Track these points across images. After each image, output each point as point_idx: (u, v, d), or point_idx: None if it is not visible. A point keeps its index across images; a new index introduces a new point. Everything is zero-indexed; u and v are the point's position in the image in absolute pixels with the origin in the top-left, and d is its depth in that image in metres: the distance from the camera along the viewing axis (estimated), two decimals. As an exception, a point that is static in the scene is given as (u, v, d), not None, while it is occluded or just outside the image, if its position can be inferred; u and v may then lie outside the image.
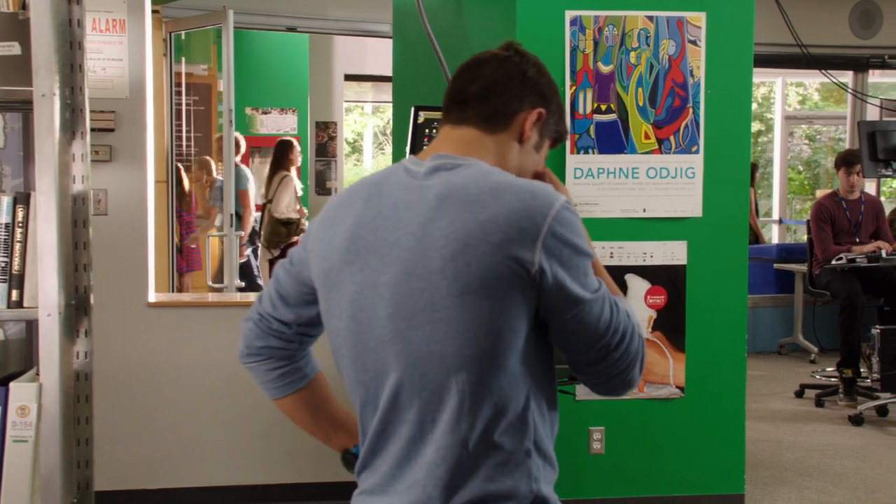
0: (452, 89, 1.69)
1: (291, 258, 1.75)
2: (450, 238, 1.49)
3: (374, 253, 1.56)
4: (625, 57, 4.26)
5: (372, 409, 1.61)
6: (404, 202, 1.56)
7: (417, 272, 1.51)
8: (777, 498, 4.76)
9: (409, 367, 1.54)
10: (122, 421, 4.38)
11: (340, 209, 1.64)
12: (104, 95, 4.22)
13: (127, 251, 4.35)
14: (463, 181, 1.54)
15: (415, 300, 1.51)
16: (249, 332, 1.78)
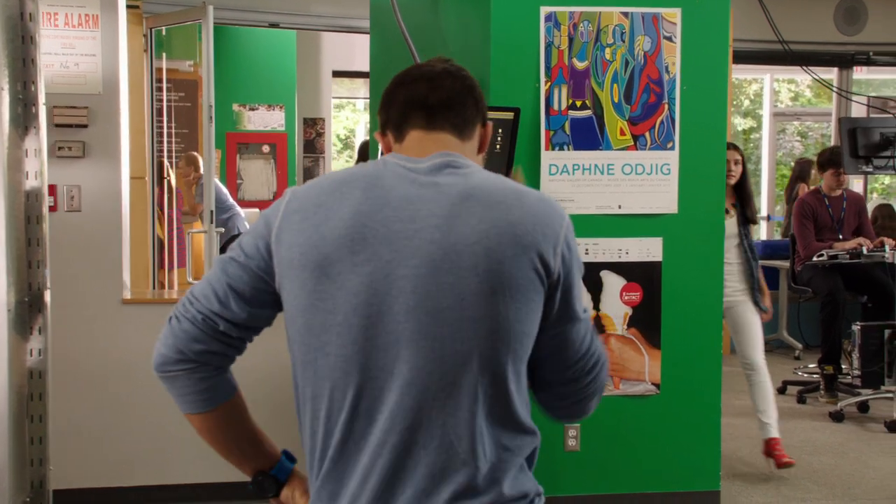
0: (412, 95, 1.66)
1: (244, 250, 1.58)
2: (481, 235, 1.48)
3: (388, 244, 1.49)
4: (600, 53, 4.25)
5: (357, 412, 1.50)
6: (417, 196, 1.53)
7: (445, 266, 1.47)
8: (754, 494, 4.77)
9: (429, 365, 1.48)
10: (98, 418, 4.37)
11: (327, 199, 1.54)
12: (77, 91, 4.20)
13: (101, 248, 4.33)
14: (482, 182, 1.56)
15: (442, 295, 1.47)
16: (186, 333, 1.56)
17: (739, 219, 5.06)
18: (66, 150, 4.20)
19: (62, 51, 4.16)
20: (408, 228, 1.50)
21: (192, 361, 1.58)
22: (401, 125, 1.65)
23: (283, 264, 1.54)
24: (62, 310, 4.30)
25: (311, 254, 1.51)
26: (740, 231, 5.05)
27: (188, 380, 1.59)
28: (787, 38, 7.20)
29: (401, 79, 1.69)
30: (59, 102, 4.17)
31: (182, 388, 1.60)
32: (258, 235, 1.58)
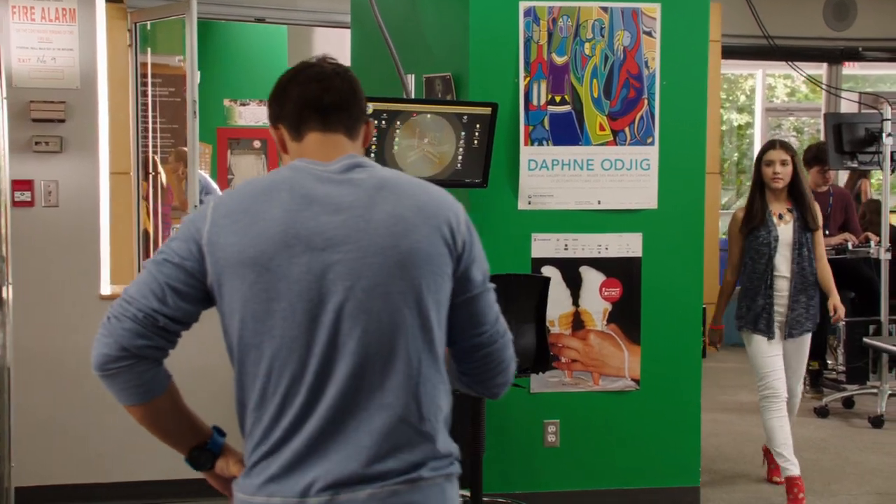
0: (306, 96, 1.78)
1: (177, 252, 1.71)
2: (398, 218, 1.70)
3: (319, 235, 1.67)
4: (579, 48, 4.24)
5: (308, 385, 1.67)
6: (337, 191, 1.72)
7: (371, 249, 1.68)
8: (734, 490, 4.77)
9: (367, 336, 1.67)
10: (74, 415, 4.36)
11: (254, 203, 1.71)
12: (54, 86, 4.19)
13: (79, 243, 4.32)
14: (390, 176, 1.78)
15: (373, 273, 1.67)
16: (128, 331, 1.67)
17: (797, 225, 4.48)
18: (44, 145, 4.18)
19: (39, 45, 4.14)
20: (334, 220, 1.69)
21: (134, 357, 1.68)
22: (298, 125, 1.79)
23: (220, 264, 1.69)
24: (39, 305, 4.30)
25: (248, 251, 1.67)
26: (799, 239, 4.47)
27: (131, 374, 1.69)
28: (777, 33, 7.20)
29: (293, 76, 1.81)
30: (36, 97, 4.16)
31: (125, 382, 1.70)
32: (188, 239, 1.71)
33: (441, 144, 3.95)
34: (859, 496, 4.71)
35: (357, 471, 1.67)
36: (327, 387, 1.67)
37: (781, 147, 4.52)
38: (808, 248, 4.49)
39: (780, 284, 4.49)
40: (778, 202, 4.53)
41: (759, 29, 6.29)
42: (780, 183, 4.47)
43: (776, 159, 4.47)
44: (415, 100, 4.17)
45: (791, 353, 4.56)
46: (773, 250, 4.46)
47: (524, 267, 4.24)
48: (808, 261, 4.49)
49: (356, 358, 1.67)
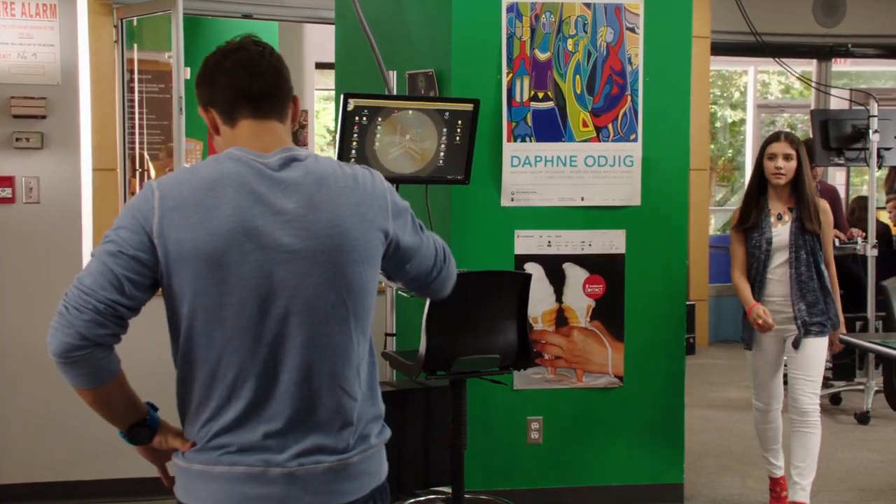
0: (236, 84, 1.86)
1: (129, 244, 1.76)
2: (339, 219, 1.83)
3: (267, 236, 1.77)
4: (562, 44, 4.23)
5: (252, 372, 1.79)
6: (280, 191, 1.81)
7: (318, 248, 1.80)
8: (719, 486, 4.76)
9: (314, 328, 1.81)
10: (58, 412, 4.34)
11: (204, 198, 1.77)
12: (35, 81, 4.17)
13: (60, 240, 4.30)
14: (325, 170, 1.87)
15: (319, 271, 1.80)
16: (89, 322, 1.73)
17: (795, 227, 4.11)
18: (24, 142, 4.17)
19: (19, 41, 4.12)
20: (280, 220, 1.79)
21: (94, 345, 1.74)
22: (230, 112, 1.87)
23: (172, 257, 1.76)
24: (21, 302, 4.28)
25: (203, 248, 1.75)
26: (796, 242, 4.10)
27: (90, 360, 1.75)
28: (766, 29, 7.19)
29: (218, 61, 1.88)
30: (16, 93, 4.14)
31: (83, 368, 1.76)
32: (137, 230, 1.76)
33: (423, 141, 3.94)
34: (842, 492, 4.71)
35: (318, 443, 1.83)
36: (280, 373, 1.81)
37: (786, 139, 4.13)
38: (807, 251, 4.09)
39: (773, 289, 4.15)
40: (779, 200, 4.17)
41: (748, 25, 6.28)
42: (781, 179, 4.11)
43: (779, 152, 4.12)
44: (396, 96, 4.16)
45: (793, 361, 4.20)
46: (765, 254, 4.13)
47: (507, 263, 4.23)
48: (806, 265, 4.09)
49: (304, 349, 1.81)
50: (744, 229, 4.19)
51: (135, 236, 1.76)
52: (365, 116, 3.80)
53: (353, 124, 3.79)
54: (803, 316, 4.11)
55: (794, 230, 4.11)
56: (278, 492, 1.81)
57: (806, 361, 4.17)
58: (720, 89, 13.13)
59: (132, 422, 1.90)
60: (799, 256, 4.10)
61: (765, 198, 4.18)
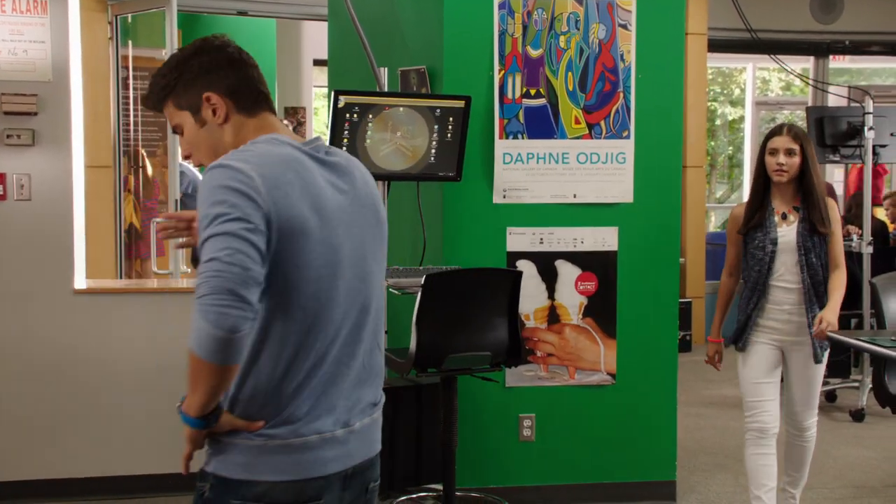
0: (254, 80, 1.96)
1: (252, 221, 1.73)
2: (371, 195, 2.00)
3: (343, 211, 1.90)
4: (554, 41, 4.22)
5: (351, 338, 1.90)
6: (337, 172, 1.93)
7: (368, 223, 1.96)
8: (712, 484, 4.76)
9: (374, 298, 1.97)
10: (47, 410, 4.34)
11: (292, 176, 1.82)
12: (25, 78, 4.16)
13: (51, 237, 4.29)
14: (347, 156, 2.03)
15: (375, 247, 1.99)
16: (251, 294, 1.71)
17: (803, 227, 3.76)
18: (16, 139, 4.16)
19: (10, 37, 4.11)
20: (344, 200, 1.92)
21: (255, 316, 1.75)
22: (254, 102, 1.95)
23: (285, 233, 1.78)
24: (11, 300, 4.28)
25: (309, 223, 1.81)
26: (804, 244, 3.75)
27: (252, 331, 1.76)
28: (763, 26, 7.19)
29: (234, 56, 1.95)
30: (7, 90, 4.13)
31: (244, 342, 1.73)
32: (253, 207, 1.74)
33: (414, 138, 3.93)
34: (836, 489, 4.70)
35: (370, 398, 1.98)
36: (364, 337, 1.94)
37: (789, 133, 3.79)
38: (816, 254, 3.75)
39: (779, 296, 3.79)
40: (783, 199, 3.82)
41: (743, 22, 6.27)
42: (783, 176, 3.76)
43: (781, 147, 3.77)
44: (387, 93, 4.15)
45: (795, 377, 3.90)
46: (769, 256, 3.76)
47: (499, 261, 4.22)
48: (817, 269, 3.75)
49: (372, 315, 1.97)
50: (747, 230, 3.83)
51: (254, 213, 1.74)
52: (356, 113, 3.80)
53: (343, 121, 3.79)
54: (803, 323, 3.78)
55: (802, 231, 3.75)
56: (349, 449, 1.91)
57: (815, 378, 3.92)
58: (720, 86, 13.12)
59: None
60: (810, 261, 3.74)
61: (768, 196, 3.83)
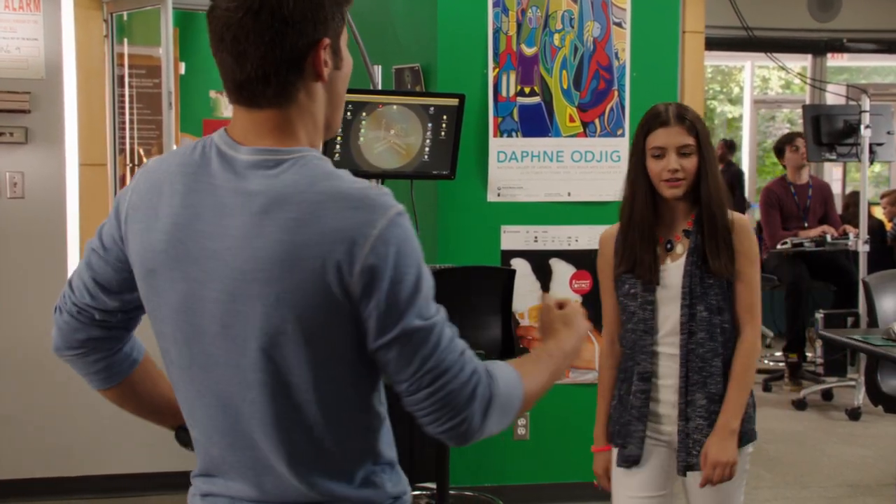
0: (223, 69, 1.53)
1: (102, 241, 1.54)
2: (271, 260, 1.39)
3: (196, 263, 1.42)
4: (549, 39, 4.21)
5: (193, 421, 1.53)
6: (226, 206, 1.41)
7: (239, 293, 1.39)
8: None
9: (232, 388, 1.45)
10: (42, 408, 4.33)
11: (156, 199, 1.45)
12: (18, 76, 4.16)
13: (45, 235, 4.29)
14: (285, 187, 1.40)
15: (241, 324, 1.40)
16: (66, 325, 1.58)
17: (691, 263, 2.48)
18: (8, 136, 4.16)
19: (2, 34, 4.11)
20: (212, 247, 1.41)
21: (80, 348, 1.60)
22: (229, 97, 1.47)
23: (132, 259, 1.50)
24: (5, 298, 4.27)
25: (141, 261, 1.48)
26: (692, 290, 2.47)
27: (82, 363, 1.62)
28: (760, 24, 7.16)
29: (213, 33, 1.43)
30: (0, 87, 4.13)
31: (80, 369, 1.64)
32: (113, 226, 1.53)
33: (408, 136, 3.92)
34: (830, 488, 4.70)
35: None
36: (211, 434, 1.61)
37: (679, 122, 2.49)
38: (709, 304, 2.47)
39: (664, 369, 2.53)
40: (671, 219, 2.55)
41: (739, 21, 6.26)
42: (678, 188, 2.48)
43: (670, 145, 2.48)
44: (380, 91, 4.14)
45: (697, 498, 2.56)
46: (648, 310, 2.51)
47: (493, 259, 4.21)
48: (708, 329, 2.46)
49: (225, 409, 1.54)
50: (619, 270, 2.58)
51: (109, 232, 1.54)
52: (349, 111, 3.78)
53: (336, 119, 3.77)
54: (702, 419, 2.48)
55: (690, 268, 2.47)
56: None
57: (728, 496, 2.55)
58: (719, 85, 13.11)
59: (177, 423, 1.66)
60: (695, 314, 2.47)
61: (650, 215, 2.54)
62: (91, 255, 1.56)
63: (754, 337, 2.51)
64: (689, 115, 2.52)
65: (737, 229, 2.50)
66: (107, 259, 1.54)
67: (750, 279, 2.50)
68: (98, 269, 1.55)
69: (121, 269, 1.53)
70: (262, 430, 1.44)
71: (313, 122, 1.48)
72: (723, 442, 2.44)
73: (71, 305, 1.58)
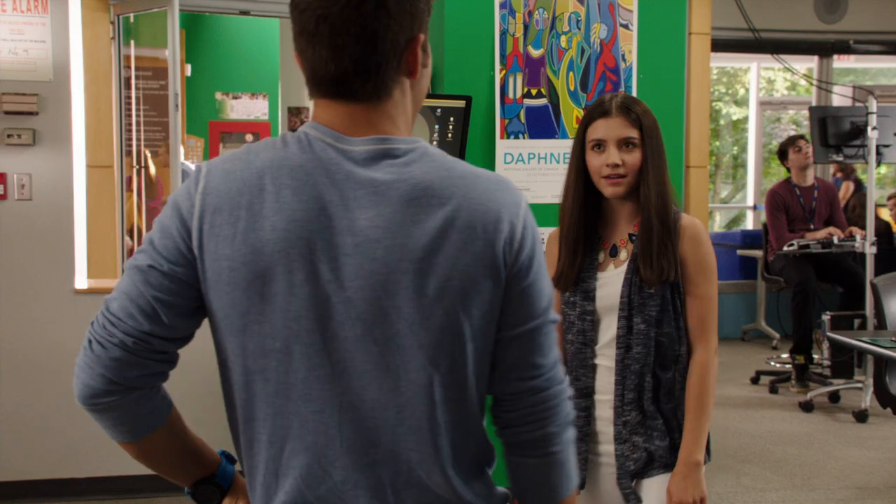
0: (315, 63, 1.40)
1: (164, 255, 1.33)
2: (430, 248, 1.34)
3: (326, 260, 1.29)
4: (555, 41, 4.21)
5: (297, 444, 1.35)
6: (355, 199, 1.31)
7: (388, 288, 1.30)
8: (713, 484, 4.74)
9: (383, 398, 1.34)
10: (51, 409, 4.34)
11: (252, 198, 1.31)
12: (26, 78, 4.17)
13: (52, 237, 4.30)
14: (424, 176, 1.35)
15: (390, 323, 1.30)
16: (117, 361, 1.33)
17: (631, 271, 2.28)
18: (16, 138, 4.17)
19: (11, 37, 4.12)
20: (347, 242, 1.30)
21: (128, 389, 1.35)
22: (312, 88, 1.38)
23: (210, 276, 1.33)
24: (12, 299, 4.29)
25: (242, 270, 1.30)
26: (630, 300, 2.27)
27: (124, 407, 1.37)
28: (767, 26, 7.17)
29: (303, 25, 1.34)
30: (8, 89, 4.14)
31: (117, 417, 1.38)
32: (176, 236, 1.33)
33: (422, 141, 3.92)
34: (838, 490, 4.69)
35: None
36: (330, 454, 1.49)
37: (622, 112, 2.31)
38: (647, 317, 2.26)
39: (603, 384, 2.33)
40: (616, 220, 2.36)
41: (746, 22, 6.26)
42: (619, 186, 2.29)
43: (610, 137, 2.29)
44: (389, 92, 4.14)
45: None
46: (588, 321, 2.32)
47: (500, 261, 4.21)
48: (645, 343, 2.26)
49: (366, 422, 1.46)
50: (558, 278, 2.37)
51: (171, 244, 1.33)
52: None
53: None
54: (639, 436, 2.28)
55: (630, 276, 2.28)
56: None
57: None
58: (725, 86, 13.10)
59: (196, 478, 1.50)
60: (633, 326, 2.27)
61: (589, 216, 2.37)
62: (147, 272, 1.33)
63: (707, 357, 2.27)
64: (635, 106, 2.34)
65: (687, 236, 2.25)
66: (172, 274, 1.33)
67: (704, 293, 2.26)
68: (161, 288, 1.33)
69: (189, 285, 1.34)
70: (414, 438, 1.33)
71: (405, 118, 1.40)
72: (686, 480, 2.24)
73: (122, 336, 1.33)
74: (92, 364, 1.34)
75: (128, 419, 1.38)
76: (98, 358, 1.33)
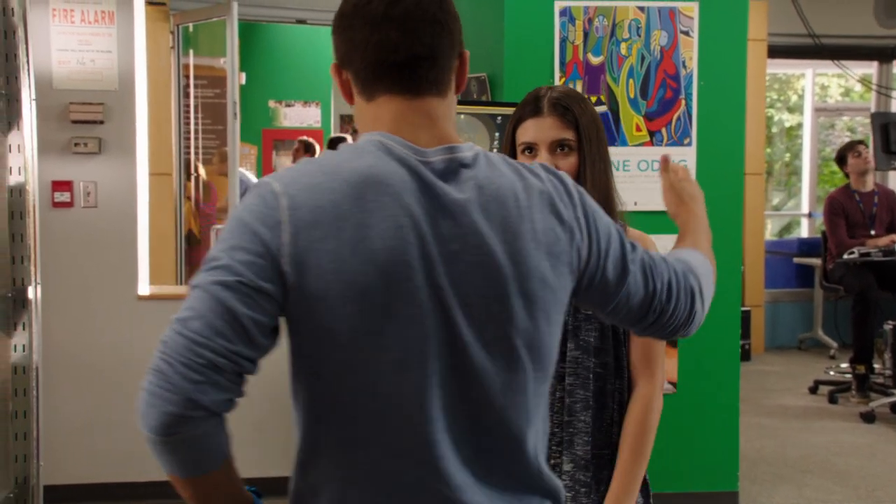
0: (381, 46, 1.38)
1: (251, 272, 1.24)
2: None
3: (444, 266, 1.30)
4: (615, 48, 4.20)
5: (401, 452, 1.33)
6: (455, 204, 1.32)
7: (496, 293, 1.32)
8: (775, 495, 4.68)
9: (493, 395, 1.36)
10: (107, 413, 4.40)
11: (350, 208, 1.27)
12: (92, 87, 4.24)
13: (117, 244, 4.37)
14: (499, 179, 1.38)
15: (500, 326, 1.32)
16: (205, 383, 1.20)
17: None
18: (83, 147, 4.24)
19: (78, 47, 4.20)
20: (450, 249, 1.30)
21: (211, 414, 1.22)
22: (371, 85, 1.37)
23: (315, 292, 1.26)
24: (78, 306, 4.36)
25: (354, 286, 1.26)
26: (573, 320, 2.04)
27: (199, 439, 1.23)
28: (825, 31, 7.08)
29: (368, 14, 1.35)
30: (75, 99, 4.22)
31: (189, 450, 1.24)
32: (261, 253, 1.25)
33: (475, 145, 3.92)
34: (903, 503, 4.62)
35: None
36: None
37: (554, 110, 2.03)
38: (581, 343, 2.03)
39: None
40: None
41: (804, 28, 6.19)
42: None
43: (540, 140, 2.04)
44: (449, 100, 4.15)
45: None
46: None
47: (559, 268, 4.20)
48: (577, 373, 2.02)
49: None
50: None
51: (258, 261, 1.24)
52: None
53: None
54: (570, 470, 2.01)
55: None
56: None
57: None
58: (777, 93, 12.95)
59: None
60: (566, 352, 2.02)
61: None
62: (235, 290, 1.24)
63: (650, 393, 1.97)
64: (572, 103, 2.02)
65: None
66: (262, 291, 1.25)
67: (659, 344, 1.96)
68: (251, 305, 1.24)
69: (277, 304, 1.27)
70: (525, 429, 1.38)
71: (453, 126, 1.43)
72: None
73: (211, 355, 1.21)
74: (172, 388, 1.20)
75: (200, 450, 1.24)
76: (181, 380, 1.20)
